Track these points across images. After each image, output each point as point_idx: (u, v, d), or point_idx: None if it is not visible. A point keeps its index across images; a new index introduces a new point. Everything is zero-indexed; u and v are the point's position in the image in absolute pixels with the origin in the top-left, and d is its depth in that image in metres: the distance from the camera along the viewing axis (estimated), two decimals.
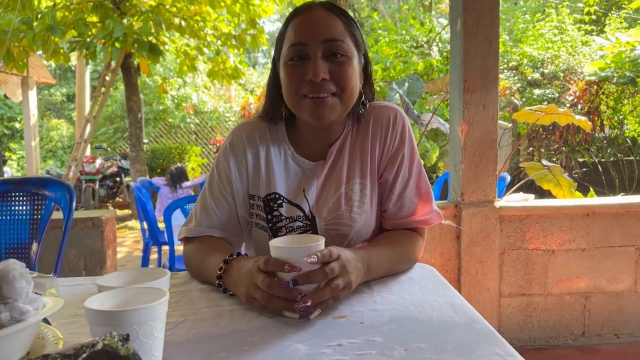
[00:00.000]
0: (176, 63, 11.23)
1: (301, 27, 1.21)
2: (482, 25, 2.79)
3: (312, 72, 1.17)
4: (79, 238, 3.20)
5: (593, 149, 9.47)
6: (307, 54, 1.19)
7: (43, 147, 16.85)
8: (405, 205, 1.32)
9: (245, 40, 8.00)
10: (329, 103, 1.20)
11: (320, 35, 1.19)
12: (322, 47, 1.18)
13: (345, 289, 1.01)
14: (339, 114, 1.24)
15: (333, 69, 1.19)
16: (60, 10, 7.32)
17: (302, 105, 1.21)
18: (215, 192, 1.34)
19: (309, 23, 1.21)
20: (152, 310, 0.73)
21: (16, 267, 0.69)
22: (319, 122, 1.22)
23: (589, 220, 2.88)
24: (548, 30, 10.42)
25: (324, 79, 1.18)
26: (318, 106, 1.19)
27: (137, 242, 7.29)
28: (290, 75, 1.21)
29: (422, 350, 0.82)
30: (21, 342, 0.69)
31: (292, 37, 1.21)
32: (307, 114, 1.22)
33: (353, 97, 1.25)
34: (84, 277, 1.36)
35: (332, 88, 1.19)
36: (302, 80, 1.19)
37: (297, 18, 1.23)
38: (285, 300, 0.96)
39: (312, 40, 1.18)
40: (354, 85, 1.23)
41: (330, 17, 1.22)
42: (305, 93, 1.19)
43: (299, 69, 1.19)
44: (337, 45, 1.19)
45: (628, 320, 2.94)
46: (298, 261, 0.96)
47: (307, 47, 1.19)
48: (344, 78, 1.20)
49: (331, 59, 1.19)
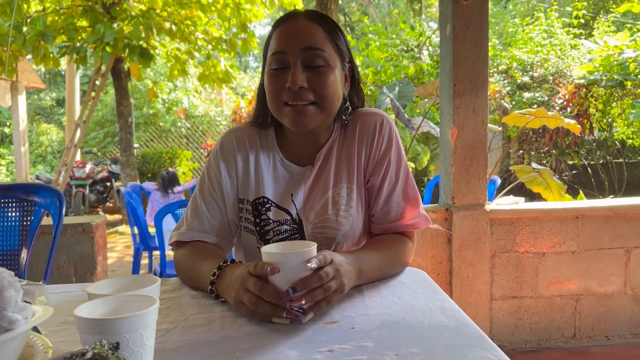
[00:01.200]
0: (167, 67, 11.20)
1: (283, 35, 1.24)
2: (471, 30, 2.81)
3: (290, 81, 1.19)
4: (69, 244, 3.18)
5: (582, 152, 9.54)
6: (287, 62, 1.21)
7: (32, 152, 16.74)
8: (392, 210, 1.34)
9: (236, 44, 8.00)
10: (309, 111, 1.22)
11: (299, 44, 1.21)
12: (302, 55, 1.21)
13: (338, 292, 1.02)
14: (320, 122, 1.26)
15: (312, 78, 1.21)
16: (50, 15, 7.28)
17: (283, 112, 1.24)
18: (206, 196, 1.35)
19: (290, 32, 1.24)
20: (142, 318, 0.72)
21: (5, 275, 0.68)
22: (299, 129, 1.25)
23: (578, 222, 2.90)
24: (537, 34, 10.50)
25: (302, 87, 1.20)
26: (298, 114, 1.22)
27: (128, 248, 7.25)
28: (272, 83, 1.24)
29: (413, 355, 0.83)
30: (10, 351, 0.68)
31: (274, 46, 1.24)
32: (288, 121, 1.25)
33: (333, 105, 1.26)
34: (73, 284, 1.35)
35: (310, 97, 1.21)
36: (282, 88, 1.21)
37: (280, 27, 1.26)
38: (273, 305, 0.96)
39: (292, 48, 1.21)
40: (333, 94, 1.24)
41: (311, 26, 1.24)
42: (286, 100, 1.22)
43: (279, 77, 1.22)
44: (316, 54, 1.21)
45: (618, 322, 2.96)
46: (292, 267, 0.96)
47: (287, 55, 1.21)
48: (323, 87, 1.22)
49: (311, 67, 1.21)
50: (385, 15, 14.49)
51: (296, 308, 0.95)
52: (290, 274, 0.96)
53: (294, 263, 0.97)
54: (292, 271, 0.97)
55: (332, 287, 0.99)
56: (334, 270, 1.01)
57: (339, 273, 1.02)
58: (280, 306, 0.95)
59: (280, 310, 0.95)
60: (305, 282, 0.96)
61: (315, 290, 0.97)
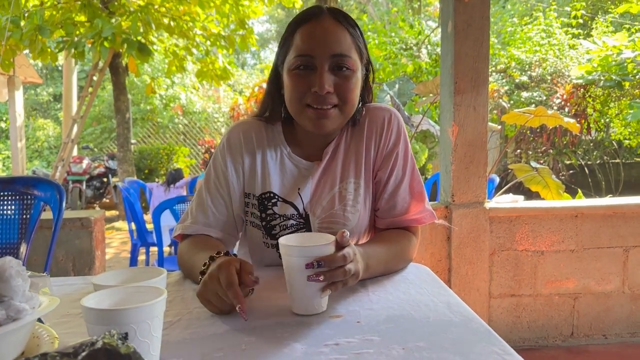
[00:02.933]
0: (164, 63, 11.16)
1: (309, 37, 1.21)
2: (472, 28, 2.80)
3: (318, 85, 1.18)
4: (68, 238, 3.17)
5: (580, 152, 9.57)
6: (313, 65, 1.20)
7: (29, 147, 16.67)
8: (398, 204, 1.33)
9: (234, 40, 7.98)
10: (331, 114, 1.22)
11: (328, 49, 1.19)
12: (330, 60, 1.20)
13: (354, 277, 1.02)
14: (339, 124, 1.26)
15: (338, 82, 1.21)
16: (48, 9, 7.24)
17: (305, 114, 1.23)
18: (212, 190, 1.35)
19: (317, 34, 1.21)
20: (150, 309, 0.72)
21: (12, 264, 0.68)
22: (320, 131, 1.24)
23: (577, 221, 2.91)
24: (536, 34, 10.52)
25: (329, 92, 1.19)
26: (320, 117, 1.21)
27: (125, 244, 7.23)
28: (295, 84, 1.22)
29: (420, 349, 0.82)
30: (17, 341, 0.68)
31: (300, 47, 1.21)
32: (308, 123, 1.24)
33: (353, 108, 1.27)
34: (75, 277, 1.35)
35: (334, 100, 1.21)
36: (306, 91, 1.20)
37: (306, 26, 1.23)
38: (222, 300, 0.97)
39: (320, 53, 1.19)
40: (355, 97, 1.25)
41: (339, 29, 1.22)
42: (309, 103, 1.21)
43: (304, 79, 1.21)
44: (344, 60, 1.21)
45: (616, 320, 2.97)
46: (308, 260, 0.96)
47: (315, 59, 1.20)
48: (347, 91, 1.22)
49: (337, 72, 1.21)
50: (384, 13, 14.48)
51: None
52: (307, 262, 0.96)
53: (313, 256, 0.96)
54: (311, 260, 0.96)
55: (351, 270, 1.00)
56: (353, 254, 1.01)
57: (357, 258, 1.03)
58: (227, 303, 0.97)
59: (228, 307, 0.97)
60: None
61: (336, 270, 0.97)
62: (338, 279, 0.98)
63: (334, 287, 0.98)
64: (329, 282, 0.97)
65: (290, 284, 0.99)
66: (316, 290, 0.97)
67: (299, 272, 0.96)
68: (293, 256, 0.97)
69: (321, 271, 0.96)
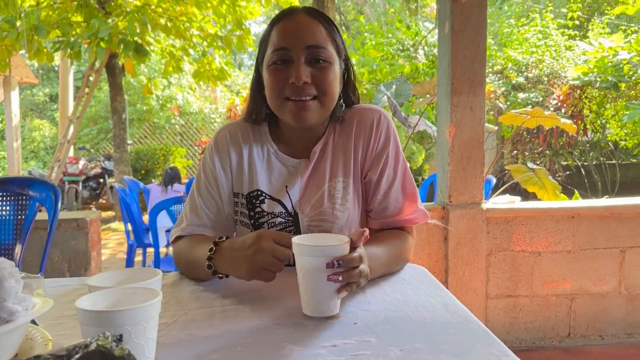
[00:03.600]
0: (161, 63, 11.14)
1: (285, 32, 1.24)
2: (469, 28, 2.80)
3: (294, 76, 1.21)
4: (63, 239, 3.15)
5: (576, 153, 9.58)
6: (290, 58, 1.23)
7: (25, 147, 16.61)
8: (390, 205, 1.34)
9: (231, 41, 7.95)
10: (310, 106, 1.24)
11: (303, 41, 1.22)
12: (305, 52, 1.22)
13: (365, 278, 1.03)
14: (319, 116, 1.28)
15: (315, 74, 1.23)
16: (44, 10, 7.22)
17: (285, 107, 1.25)
18: (203, 192, 1.36)
19: (292, 28, 1.24)
20: (145, 310, 0.71)
21: (5, 265, 0.67)
22: (300, 124, 1.26)
23: (574, 222, 2.91)
24: (532, 35, 10.53)
25: (306, 82, 1.21)
26: (300, 109, 1.23)
27: (121, 244, 7.21)
28: (274, 78, 1.24)
29: (418, 351, 0.82)
30: (10, 343, 0.67)
31: (276, 42, 1.24)
32: (289, 116, 1.25)
33: (333, 100, 1.28)
34: (70, 278, 1.34)
35: (313, 91, 1.23)
36: (284, 84, 1.23)
37: (281, 22, 1.26)
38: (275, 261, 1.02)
39: (296, 45, 1.22)
40: (334, 89, 1.27)
41: (313, 23, 1.25)
42: (288, 95, 1.23)
43: (282, 72, 1.23)
44: (319, 52, 1.23)
45: (612, 321, 2.97)
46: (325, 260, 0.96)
47: (291, 51, 1.22)
48: (325, 82, 1.24)
49: (313, 64, 1.23)
50: (381, 14, 14.50)
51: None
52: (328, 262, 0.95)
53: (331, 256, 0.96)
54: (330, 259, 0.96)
55: (365, 271, 1.00)
56: (364, 255, 1.02)
57: (366, 260, 1.03)
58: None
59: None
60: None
61: (353, 269, 0.97)
62: (354, 279, 0.98)
63: (349, 287, 0.98)
64: (345, 283, 0.97)
65: (304, 285, 0.98)
66: (332, 291, 0.96)
67: (315, 271, 0.95)
68: (308, 256, 0.96)
69: (340, 271, 0.95)
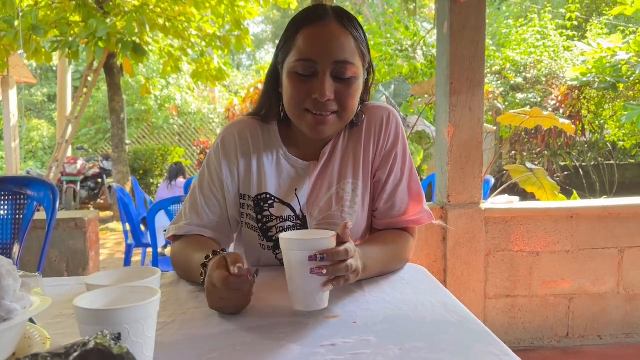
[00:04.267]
0: (159, 63, 11.13)
1: (313, 41, 1.17)
2: (468, 28, 2.80)
3: (319, 92, 1.15)
4: (61, 239, 3.15)
5: (574, 153, 9.59)
6: (316, 70, 1.17)
7: (23, 147, 16.58)
8: (396, 205, 1.32)
9: (229, 41, 7.95)
10: (330, 121, 1.20)
11: (331, 56, 1.16)
12: (332, 67, 1.16)
13: (355, 273, 1.01)
14: (336, 129, 1.25)
15: (339, 89, 1.18)
16: (42, 9, 7.21)
17: (304, 119, 1.21)
18: (205, 191, 1.32)
19: (322, 40, 1.17)
20: (144, 308, 0.71)
21: (3, 264, 0.66)
22: (317, 137, 1.23)
23: (573, 222, 2.91)
24: (531, 35, 10.54)
25: (329, 99, 1.17)
26: (319, 123, 1.19)
27: (119, 244, 7.21)
28: (295, 88, 1.19)
29: (417, 350, 0.81)
30: (8, 341, 0.66)
31: (303, 51, 1.17)
32: (306, 128, 1.22)
33: (352, 115, 1.25)
34: (68, 278, 1.34)
35: (334, 107, 1.19)
36: (306, 96, 1.18)
37: (310, 29, 1.18)
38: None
39: (323, 59, 1.16)
40: (355, 104, 1.23)
41: (344, 35, 1.18)
42: (308, 108, 1.19)
43: (305, 84, 1.18)
44: (346, 68, 1.17)
45: (611, 321, 2.97)
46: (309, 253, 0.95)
47: (317, 64, 1.16)
48: (348, 99, 1.19)
49: (339, 79, 1.18)
50: (379, 14, 14.50)
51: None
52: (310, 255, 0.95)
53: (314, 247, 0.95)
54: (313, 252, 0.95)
55: (353, 265, 0.99)
56: (354, 250, 1.00)
57: (357, 255, 1.02)
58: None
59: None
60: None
61: (339, 263, 0.96)
62: (340, 273, 0.96)
63: (336, 282, 0.97)
64: (332, 277, 0.96)
65: (292, 279, 0.98)
66: (318, 284, 0.96)
67: (300, 265, 0.95)
68: (294, 250, 0.96)
69: (324, 265, 0.94)
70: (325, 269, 0.94)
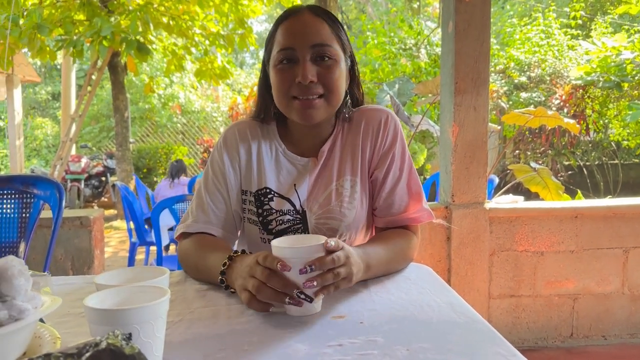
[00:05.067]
0: (163, 62, 11.14)
1: (290, 31, 1.25)
2: (473, 27, 2.80)
3: (301, 75, 1.21)
4: (67, 237, 3.16)
5: (578, 153, 9.57)
6: (295, 57, 1.23)
7: (27, 145, 16.61)
8: (395, 203, 1.35)
9: (233, 40, 7.96)
10: (317, 104, 1.25)
11: (308, 40, 1.23)
12: (311, 51, 1.23)
13: (346, 280, 1.01)
14: (326, 114, 1.29)
15: (321, 72, 1.24)
16: (47, 8, 7.22)
17: (292, 106, 1.26)
18: (210, 188, 1.36)
19: (297, 28, 1.25)
20: (154, 308, 0.71)
21: (15, 264, 0.67)
22: (307, 122, 1.26)
23: (577, 222, 2.90)
24: (535, 35, 10.52)
25: (312, 81, 1.22)
26: (307, 107, 1.24)
27: (123, 243, 7.23)
28: (280, 78, 1.25)
29: (425, 350, 0.82)
30: (19, 341, 0.67)
31: (282, 42, 1.25)
32: (296, 115, 1.26)
33: (339, 98, 1.29)
34: (75, 277, 1.34)
35: (319, 90, 1.24)
36: (291, 83, 1.24)
37: (286, 22, 1.27)
38: (276, 292, 0.95)
39: (301, 44, 1.23)
40: (340, 87, 1.28)
41: (318, 21, 1.26)
42: (295, 94, 1.24)
43: (288, 72, 1.24)
44: (324, 50, 1.24)
45: (615, 322, 2.97)
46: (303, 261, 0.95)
47: (296, 51, 1.23)
48: (331, 80, 1.25)
49: (319, 62, 1.24)
50: (383, 13, 14.48)
51: (307, 288, 0.94)
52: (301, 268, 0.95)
53: (305, 257, 0.96)
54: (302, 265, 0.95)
55: (342, 273, 0.99)
56: (344, 257, 1.01)
57: (349, 261, 1.02)
58: (284, 293, 0.95)
59: (283, 297, 0.94)
60: (320, 262, 0.96)
61: (326, 273, 0.97)
62: (328, 282, 0.97)
63: (326, 290, 0.98)
64: (320, 286, 0.96)
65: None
66: (309, 291, 0.96)
67: (292, 273, 0.95)
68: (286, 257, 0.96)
69: (314, 276, 0.95)
70: (315, 281, 0.95)
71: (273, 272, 0.96)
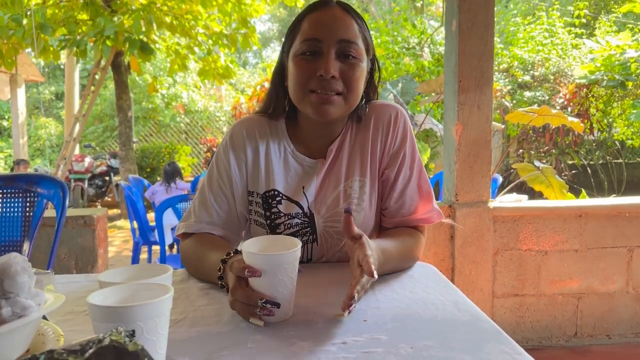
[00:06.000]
0: (166, 62, 11.16)
1: (318, 22, 1.22)
2: (477, 26, 2.79)
3: (323, 69, 1.17)
4: (70, 236, 3.16)
5: (582, 152, 9.54)
6: (320, 50, 1.20)
7: (31, 145, 16.67)
8: (406, 204, 1.32)
9: (236, 39, 7.96)
10: (335, 101, 1.21)
11: (336, 34, 1.20)
12: (337, 46, 1.20)
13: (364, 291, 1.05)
14: (341, 113, 1.25)
15: (343, 69, 1.20)
16: (50, 8, 7.24)
17: (308, 99, 1.22)
18: (214, 188, 1.33)
19: (326, 20, 1.21)
20: (157, 306, 0.71)
21: (18, 260, 0.67)
22: (322, 117, 1.22)
23: (581, 221, 2.89)
24: (539, 33, 10.48)
25: (334, 77, 1.18)
26: (323, 102, 1.20)
27: (126, 242, 7.24)
28: (301, 69, 1.21)
29: (429, 348, 0.81)
30: (22, 338, 0.67)
31: (307, 32, 1.21)
32: (311, 109, 1.22)
33: (357, 98, 1.26)
34: (79, 275, 1.34)
35: (339, 87, 1.20)
36: (311, 75, 1.20)
37: (314, 13, 1.24)
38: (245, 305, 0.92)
39: (328, 37, 1.19)
40: (360, 87, 1.24)
41: (347, 17, 1.23)
42: (313, 88, 1.20)
43: (310, 64, 1.20)
44: (350, 47, 1.20)
45: (619, 321, 2.96)
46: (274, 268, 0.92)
47: (322, 43, 1.20)
48: (353, 79, 1.21)
49: (343, 59, 1.21)
50: (386, 12, 14.46)
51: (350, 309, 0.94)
52: (272, 276, 0.92)
53: (275, 264, 0.92)
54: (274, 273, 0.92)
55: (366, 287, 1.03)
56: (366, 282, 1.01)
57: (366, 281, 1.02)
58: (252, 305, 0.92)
59: (253, 309, 0.92)
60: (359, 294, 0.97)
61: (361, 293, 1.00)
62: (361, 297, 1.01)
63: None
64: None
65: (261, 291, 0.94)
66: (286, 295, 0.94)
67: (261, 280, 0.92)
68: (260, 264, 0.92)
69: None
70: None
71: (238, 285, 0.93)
